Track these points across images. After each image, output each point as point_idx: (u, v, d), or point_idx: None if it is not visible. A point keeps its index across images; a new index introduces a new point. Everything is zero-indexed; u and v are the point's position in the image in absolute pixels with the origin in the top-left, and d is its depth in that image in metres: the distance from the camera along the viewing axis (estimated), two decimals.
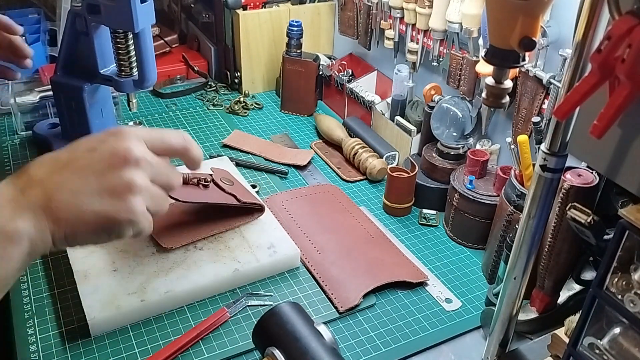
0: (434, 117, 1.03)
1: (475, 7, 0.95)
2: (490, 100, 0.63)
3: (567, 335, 0.67)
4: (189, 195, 0.88)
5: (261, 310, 0.81)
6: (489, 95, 0.62)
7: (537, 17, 0.55)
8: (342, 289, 0.86)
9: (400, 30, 1.18)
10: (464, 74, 1.03)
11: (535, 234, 0.63)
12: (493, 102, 0.62)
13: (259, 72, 1.44)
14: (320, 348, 0.66)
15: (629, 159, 0.49)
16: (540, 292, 0.78)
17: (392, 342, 0.79)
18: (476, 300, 0.87)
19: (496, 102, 0.62)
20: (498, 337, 0.72)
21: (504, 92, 0.62)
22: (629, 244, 0.51)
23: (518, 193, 0.82)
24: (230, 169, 1.06)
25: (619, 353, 0.55)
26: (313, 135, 1.30)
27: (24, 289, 0.84)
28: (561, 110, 0.49)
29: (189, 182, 0.90)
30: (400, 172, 1.03)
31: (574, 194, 0.68)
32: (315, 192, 1.08)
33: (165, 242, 0.87)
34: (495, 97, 0.62)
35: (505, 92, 0.62)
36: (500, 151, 1.02)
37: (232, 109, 1.37)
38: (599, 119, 0.45)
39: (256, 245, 0.90)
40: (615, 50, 0.43)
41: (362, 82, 1.28)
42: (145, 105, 1.38)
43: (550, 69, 0.88)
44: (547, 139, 0.58)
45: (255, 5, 1.36)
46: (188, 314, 0.82)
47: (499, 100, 0.62)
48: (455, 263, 0.94)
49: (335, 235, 0.96)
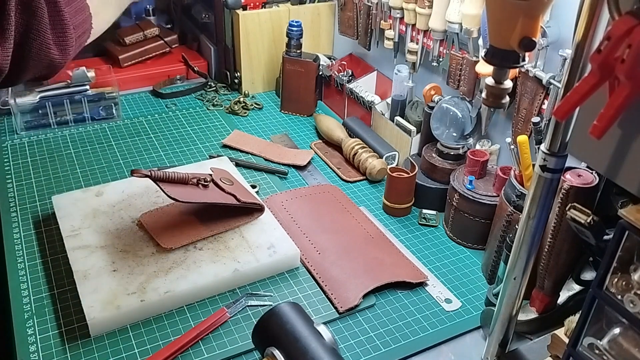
0: (434, 117, 1.03)
1: (475, 7, 0.95)
2: (490, 100, 0.63)
3: (567, 335, 0.67)
4: (188, 195, 0.88)
5: (261, 311, 0.81)
6: (489, 95, 0.62)
7: (537, 17, 0.55)
8: (341, 289, 0.86)
9: (400, 31, 1.18)
10: (463, 74, 1.03)
11: (535, 234, 0.63)
12: (493, 102, 0.62)
13: (259, 72, 1.44)
14: (320, 348, 0.66)
15: (629, 159, 0.49)
16: (540, 293, 0.78)
17: (392, 343, 0.79)
18: (476, 301, 0.87)
19: (496, 102, 0.62)
20: (498, 337, 0.72)
21: (504, 93, 0.62)
22: (628, 244, 0.51)
23: (518, 193, 0.82)
24: (230, 169, 1.06)
25: (619, 353, 0.55)
26: (313, 135, 1.30)
27: (24, 289, 0.84)
28: (561, 110, 0.49)
29: (188, 182, 0.90)
30: (400, 172, 1.03)
31: (573, 194, 0.68)
32: (315, 192, 1.08)
33: (165, 242, 0.87)
34: (495, 97, 0.62)
35: (505, 92, 0.62)
36: (500, 151, 1.02)
37: (232, 109, 1.37)
38: (599, 119, 0.45)
39: (256, 246, 0.90)
40: (615, 50, 0.43)
41: (362, 83, 1.28)
42: (145, 105, 1.38)
43: (550, 69, 0.88)
44: (547, 139, 0.58)
45: (255, 5, 1.36)
46: (188, 314, 0.82)
47: (499, 100, 0.62)
48: (455, 263, 0.94)
49: (335, 236, 0.96)
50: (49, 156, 1.16)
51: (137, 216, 0.93)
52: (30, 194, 1.05)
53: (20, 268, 0.88)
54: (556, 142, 0.57)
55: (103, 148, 1.20)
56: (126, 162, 1.16)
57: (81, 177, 1.10)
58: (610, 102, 0.45)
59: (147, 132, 1.27)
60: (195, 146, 1.23)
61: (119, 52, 1.46)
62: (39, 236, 0.95)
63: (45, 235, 0.95)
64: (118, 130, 1.27)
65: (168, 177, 0.88)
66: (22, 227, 0.97)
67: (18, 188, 1.06)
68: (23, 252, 0.91)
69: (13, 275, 0.87)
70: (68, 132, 1.25)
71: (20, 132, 1.22)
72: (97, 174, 1.11)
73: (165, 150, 1.20)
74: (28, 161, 1.14)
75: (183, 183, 0.90)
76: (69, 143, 1.21)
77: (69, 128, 1.26)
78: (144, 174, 0.84)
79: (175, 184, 0.89)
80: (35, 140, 1.21)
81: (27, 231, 0.96)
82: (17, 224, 0.97)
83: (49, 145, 1.20)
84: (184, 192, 0.88)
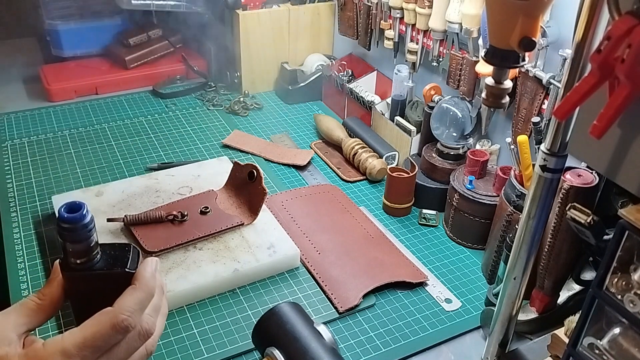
0: (434, 117, 1.03)
1: (475, 7, 0.95)
2: (490, 100, 0.62)
3: (566, 335, 0.67)
4: (165, 239, 0.88)
5: (261, 310, 0.81)
6: (489, 95, 0.62)
7: (537, 17, 0.55)
8: (341, 289, 0.86)
9: (400, 31, 1.18)
10: (463, 74, 1.03)
11: (535, 234, 0.63)
12: (493, 102, 0.62)
13: (259, 72, 1.44)
14: (320, 348, 0.66)
15: (629, 159, 0.49)
16: (540, 292, 0.78)
17: (391, 342, 0.79)
18: (476, 301, 0.87)
19: (496, 102, 0.62)
20: (498, 337, 0.72)
21: (504, 92, 0.62)
22: (628, 244, 0.51)
23: (518, 193, 0.82)
24: (230, 169, 1.06)
25: (619, 353, 0.55)
26: (313, 135, 1.30)
27: (24, 289, 0.84)
28: (561, 110, 0.49)
29: (163, 220, 0.91)
30: (400, 172, 1.03)
31: (573, 194, 0.68)
32: (315, 192, 1.08)
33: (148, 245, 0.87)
34: (495, 97, 0.62)
35: (505, 92, 0.62)
36: (500, 151, 1.02)
37: (232, 109, 1.37)
38: (599, 119, 0.45)
39: (256, 246, 0.90)
40: (615, 50, 0.43)
41: (362, 82, 1.28)
42: (145, 105, 1.38)
43: (550, 69, 0.88)
44: (547, 139, 0.58)
45: (255, 5, 1.36)
46: (188, 314, 0.82)
47: (499, 100, 0.62)
48: (455, 263, 0.94)
49: (335, 236, 0.96)
50: (49, 156, 1.16)
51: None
52: (30, 194, 1.05)
53: (20, 268, 0.88)
54: (556, 142, 0.57)
55: (103, 148, 1.20)
56: (126, 162, 1.16)
57: (81, 177, 1.10)
58: (610, 102, 0.45)
59: (147, 132, 1.27)
60: (195, 146, 1.23)
61: (125, 53, 1.46)
62: (39, 236, 0.95)
63: (45, 235, 0.95)
64: (118, 130, 1.27)
65: (141, 219, 0.90)
66: (22, 227, 0.97)
67: (18, 188, 1.06)
68: (23, 252, 0.91)
69: (13, 275, 0.87)
70: (68, 132, 1.25)
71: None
72: (97, 174, 1.11)
73: (165, 150, 1.20)
74: (28, 161, 1.14)
75: (158, 222, 0.91)
76: (69, 143, 1.21)
77: (69, 128, 1.26)
78: (119, 219, 0.91)
79: (150, 224, 0.91)
80: (35, 140, 1.21)
81: (27, 231, 0.96)
82: (17, 224, 0.97)
83: (49, 145, 1.20)
84: (160, 235, 0.89)
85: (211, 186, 1.01)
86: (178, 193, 1.00)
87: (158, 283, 0.53)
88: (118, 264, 0.51)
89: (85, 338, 0.47)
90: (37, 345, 0.47)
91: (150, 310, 0.52)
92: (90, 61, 1.49)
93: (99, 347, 0.48)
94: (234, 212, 0.96)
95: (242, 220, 0.93)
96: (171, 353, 0.76)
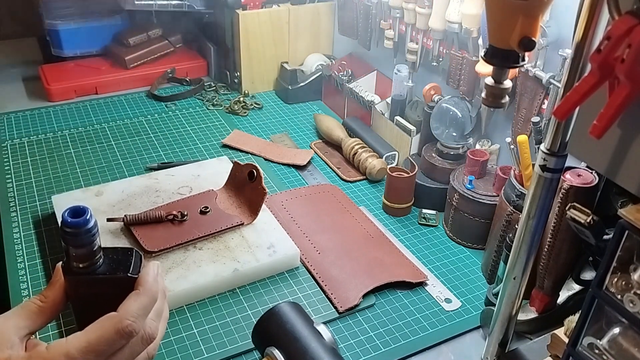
0: (434, 117, 1.03)
1: (475, 7, 0.95)
2: (489, 100, 0.62)
3: (566, 335, 0.67)
4: (164, 239, 0.88)
5: (261, 310, 0.81)
6: (489, 95, 0.62)
7: (537, 17, 0.55)
8: (341, 289, 0.86)
9: (400, 30, 1.18)
10: (463, 74, 1.03)
11: (535, 234, 0.63)
12: (493, 102, 0.62)
13: (259, 72, 1.44)
14: (319, 348, 0.66)
15: (629, 159, 0.49)
16: (540, 292, 0.78)
17: (391, 342, 0.79)
18: (476, 300, 0.87)
19: (496, 102, 0.62)
20: (498, 337, 0.72)
21: (504, 92, 0.62)
22: (628, 244, 0.51)
23: (518, 193, 0.82)
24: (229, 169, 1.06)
25: (619, 353, 0.55)
26: (313, 135, 1.30)
27: (24, 289, 0.84)
28: (561, 110, 0.49)
29: (163, 220, 0.91)
30: (400, 172, 1.03)
31: (573, 194, 0.68)
32: (315, 192, 1.08)
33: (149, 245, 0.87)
34: (495, 97, 0.62)
35: (505, 92, 0.62)
36: (500, 151, 1.02)
37: (232, 108, 1.37)
38: (599, 119, 0.45)
39: (256, 245, 0.90)
40: (615, 50, 0.43)
41: (362, 82, 1.28)
42: (145, 105, 1.38)
43: (550, 69, 0.88)
44: (546, 139, 0.58)
45: (255, 5, 1.36)
46: (188, 314, 0.82)
47: (499, 100, 0.62)
48: (454, 263, 0.94)
49: (334, 235, 0.96)
50: (49, 156, 1.16)
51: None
52: (30, 194, 1.05)
53: (20, 268, 0.88)
54: (556, 141, 0.57)
55: (103, 148, 1.20)
56: (126, 162, 1.16)
57: (81, 177, 1.10)
58: (610, 102, 0.45)
59: (147, 132, 1.27)
60: (195, 146, 1.23)
61: (125, 53, 1.46)
62: (39, 236, 0.95)
63: (45, 235, 0.95)
64: (118, 130, 1.27)
65: (141, 219, 0.90)
66: (22, 227, 0.97)
67: (18, 188, 1.06)
68: (23, 252, 0.91)
69: (13, 275, 0.87)
70: (68, 132, 1.25)
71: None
72: (97, 174, 1.11)
73: (165, 150, 1.20)
74: (28, 161, 1.14)
75: (158, 222, 0.91)
76: (69, 143, 1.21)
77: (69, 128, 1.26)
78: (119, 219, 0.90)
79: (150, 224, 0.91)
80: (35, 140, 1.21)
81: (27, 231, 0.96)
82: (17, 224, 0.97)
83: (49, 145, 1.20)
84: (160, 235, 0.89)
85: (211, 186, 1.01)
86: (178, 193, 1.00)
87: (160, 287, 0.53)
88: (121, 269, 0.51)
89: (89, 342, 0.47)
90: (40, 348, 0.47)
91: (153, 315, 0.52)
92: (90, 61, 1.49)
93: (102, 352, 0.48)
94: (234, 212, 0.96)
95: (242, 220, 0.93)
96: (171, 353, 0.76)
